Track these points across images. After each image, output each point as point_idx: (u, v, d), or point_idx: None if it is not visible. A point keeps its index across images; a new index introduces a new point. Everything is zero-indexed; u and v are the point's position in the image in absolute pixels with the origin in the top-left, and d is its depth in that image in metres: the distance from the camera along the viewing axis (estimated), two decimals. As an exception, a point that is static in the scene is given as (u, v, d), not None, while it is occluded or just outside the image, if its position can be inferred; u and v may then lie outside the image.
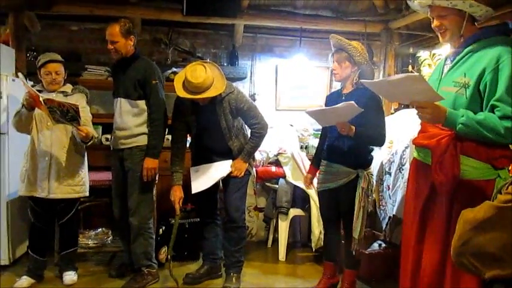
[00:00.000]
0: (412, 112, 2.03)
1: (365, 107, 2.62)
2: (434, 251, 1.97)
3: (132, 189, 3.13)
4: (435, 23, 2.02)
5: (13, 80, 3.53)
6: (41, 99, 2.71)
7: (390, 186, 3.51)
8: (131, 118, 3.09)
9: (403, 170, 3.42)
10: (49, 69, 3.00)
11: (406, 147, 3.38)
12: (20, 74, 3.02)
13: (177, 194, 3.07)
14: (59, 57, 3.08)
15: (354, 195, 2.79)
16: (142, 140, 3.11)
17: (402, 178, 3.40)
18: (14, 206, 3.50)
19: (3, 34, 4.04)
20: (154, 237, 3.31)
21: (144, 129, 3.11)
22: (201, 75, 2.81)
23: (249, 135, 3.17)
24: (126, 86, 3.07)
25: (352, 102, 2.51)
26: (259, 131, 3.08)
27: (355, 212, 2.78)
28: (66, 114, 2.80)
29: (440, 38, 2.06)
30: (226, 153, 3.09)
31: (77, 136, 3.01)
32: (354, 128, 2.64)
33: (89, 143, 3.08)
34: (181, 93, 2.87)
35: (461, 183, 1.89)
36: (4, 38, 3.99)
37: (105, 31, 3.07)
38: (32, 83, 3.20)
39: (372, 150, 2.95)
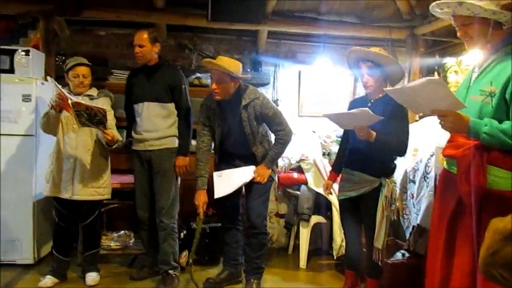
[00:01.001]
0: (437, 119, 1.99)
1: (390, 115, 2.59)
2: (464, 263, 1.92)
3: (163, 190, 3.20)
4: (459, 32, 1.99)
5: (42, 84, 3.62)
6: (69, 101, 2.77)
7: (414, 195, 3.45)
8: (161, 120, 3.19)
9: (427, 178, 3.36)
10: (77, 72, 3.07)
11: (431, 155, 3.32)
12: (49, 78, 3.11)
13: (201, 199, 3.08)
14: (86, 61, 3.16)
15: (376, 204, 2.74)
16: (171, 142, 3.24)
17: (427, 187, 3.33)
18: (40, 207, 3.58)
19: (33, 39, 4.15)
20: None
21: (173, 131, 3.24)
22: (227, 61, 2.91)
23: (273, 142, 3.16)
24: (157, 90, 3.18)
25: (367, 109, 2.50)
26: (284, 138, 3.07)
27: (377, 222, 2.73)
28: (93, 118, 2.86)
29: (467, 46, 2.02)
30: (250, 159, 3.10)
31: (102, 139, 3.07)
32: (374, 133, 2.60)
33: (114, 147, 3.13)
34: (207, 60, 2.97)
35: (488, 193, 1.84)
36: (34, 43, 4.09)
37: (131, 36, 3.22)
38: (60, 86, 3.26)
39: (395, 158, 2.90)
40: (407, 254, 3.43)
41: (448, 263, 2.00)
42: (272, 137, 3.20)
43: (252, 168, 3.07)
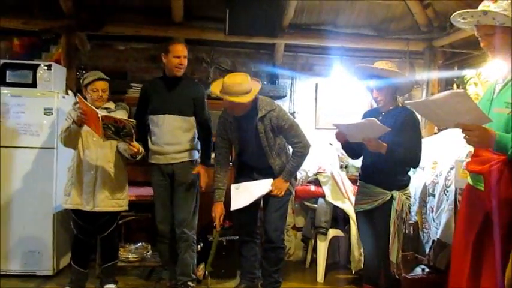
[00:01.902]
0: (457, 132, 1.95)
1: (401, 126, 2.58)
2: (492, 283, 1.86)
3: (185, 202, 3.21)
4: (483, 43, 1.95)
5: (63, 97, 3.70)
6: (99, 115, 2.81)
7: (434, 209, 3.39)
8: (183, 133, 3.21)
9: (448, 192, 3.30)
10: (96, 86, 3.12)
11: (451, 169, 3.27)
12: (72, 93, 3.15)
13: (218, 211, 3.08)
14: (104, 76, 3.20)
15: (389, 217, 2.73)
16: (193, 155, 3.27)
17: (447, 200, 3.28)
18: (60, 219, 3.63)
19: (55, 53, 4.26)
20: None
21: (193, 144, 3.27)
22: (239, 79, 2.87)
23: (291, 154, 3.15)
24: (180, 103, 3.18)
25: (374, 119, 2.49)
26: (301, 150, 3.06)
27: (390, 235, 2.71)
28: (121, 131, 2.88)
29: (491, 57, 1.99)
30: (267, 171, 3.09)
31: (127, 151, 3.09)
32: (385, 145, 2.59)
33: (137, 159, 3.15)
34: (216, 90, 2.91)
35: None
36: (56, 57, 4.20)
37: (150, 50, 3.23)
38: (87, 102, 3.32)
39: (409, 170, 2.87)
40: (427, 269, 3.37)
41: (475, 282, 1.94)
42: (290, 150, 3.19)
43: (270, 181, 3.06)
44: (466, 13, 1.91)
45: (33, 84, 3.67)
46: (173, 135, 3.19)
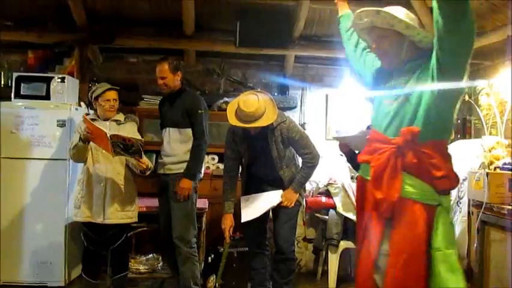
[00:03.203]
0: (470, 143, 1.98)
1: None
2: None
3: (177, 214, 3.22)
4: (374, 45, 1.92)
5: (76, 109, 3.74)
6: (108, 135, 2.84)
7: (447, 221, 3.35)
8: (179, 145, 3.25)
9: (460, 203, 3.27)
10: (108, 96, 3.15)
11: (464, 180, 3.24)
12: (88, 107, 3.18)
13: (227, 222, 3.08)
14: (114, 86, 3.24)
15: None
16: None
17: (460, 212, 3.24)
18: (71, 230, 3.65)
19: (69, 66, 4.32)
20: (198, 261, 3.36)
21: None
22: (253, 104, 2.85)
23: (301, 165, 3.15)
24: (175, 116, 3.25)
25: (366, 130, 2.50)
26: (311, 161, 3.06)
27: None
28: (130, 148, 2.92)
29: (382, 63, 1.97)
30: (277, 183, 3.09)
31: (136, 167, 3.12)
32: None
33: (146, 174, 3.17)
34: (233, 121, 2.92)
35: (402, 202, 1.75)
36: (69, 70, 4.26)
37: (157, 63, 3.26)
38: (92, 112, 3.37)
39: None
40: (441, 282, 3.31)
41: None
42: (299, 161, 3.18)
43: (280, 192, 3.06)
44: (363, 12, 1.85)
45: (47, 97, 3.73)
46: (170, 147, 3.26)
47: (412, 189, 1.75)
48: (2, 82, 4.45)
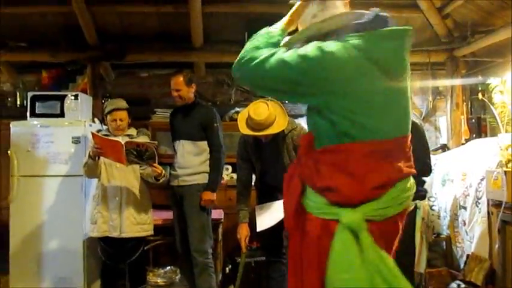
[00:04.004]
0: (486, 141, 1.89)
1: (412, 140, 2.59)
2: None
3: (193, 226, 3.23)
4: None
5: (90, 126, 3.79)
6: (122, 143, 2.88)
7: (466, 222, 3.30)
8: (193, 157, 3.28)
9: (479, 204, 3.21)
10: (114, 116, 3.19)
11: (482, 179, 3.18)
12: (101, 122, 3.22)
13: (243, 232, 3.08)
14: (123, 105, 3.25)
15: (414, 227, 2.70)
16: (202, 178, 3.29)
17: (479, 212, 3.18)
18: (89, 245, 3.67)
19: (81, 83, 4.40)
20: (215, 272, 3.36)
21: (204, 168, 3.30)
22: (263, 112, 2.86)
23: None
24: (190, 129, 3.28)
25: None
26: None
27: (417, 245, 2.66)
28: (144, 154, 2.95)
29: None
30: None
31: (151, 174, 3.15)
32: None
33: (161, 181, 3.20)
34: (244, 130, 2.93)
35: (305, 217, 1.50)
36: (82, 87, 4.34)
37: (172, 75, 3.30)
38: (105, 127, 3.41)
39: (425, 182, 2.82)
40: (463, 285, 3.25)
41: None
42: None
43: None
44: None
45: (61, 114, 3.79)
46: (184, 159, 3.29)
47: (309, 201, 1.49)
48: (18, 102, 4.55)
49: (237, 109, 4.44)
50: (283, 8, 1.64)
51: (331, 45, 1.40)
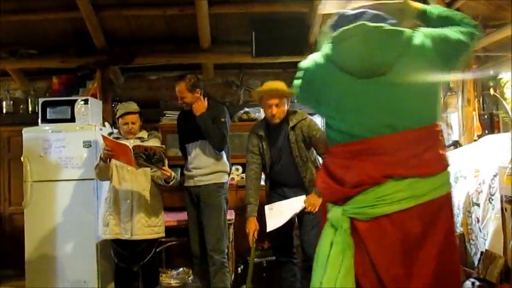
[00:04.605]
0: (498, 137, 1.83)
1: None
2: None
3: (210, 225, 3.23)
4: None
5: (101, 129, 3.83)
6: (130, 146, 2.90)
7: (480, 219, 3.25)
8: (207, 158, 3.28)
9: (493, 200, 3.16)
10: (126, 120, 3.22)
11: (495, 176, 3.14)
12: (112, 126, 3.24)
13: (251, 226, 3.07)
14: (135, 108, 3.27)
15: None
16: (219, 177, 3.30)
17: (493, 209, 3.14)
18: (102, 247, 3.70)
19: (91, 88, 4.44)
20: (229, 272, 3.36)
21: (219, 166, 3.31)
22: (276, 82, 3.06)
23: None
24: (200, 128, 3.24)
25: None
26: None
27: None
28: (152, 157, 2.97)
29: None
30: (299, 186, 3.07)
31: (160, 177, 3.17)
32: None
33: (171, 183, 3.22)
34: (259, 91, 3.09)
35: None
36: (92, 92, 4.38)
37: (175, 83, 3.31)
38: (116, 131, 3.43)
39: None
40: (477, 283, 3.20)
41: None
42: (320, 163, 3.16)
43: (303, 197, 3.03)
44: None
45: (72, 119, 3.83)
46: (199, 159, 3.29)
47: None
48: (30, 108, 4.61)
49: (246, 109, 4.45)
50: (289, 8, 1.66)
51: (310, 59, 1.58)
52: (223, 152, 3.34)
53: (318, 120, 3.46)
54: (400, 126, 1.46)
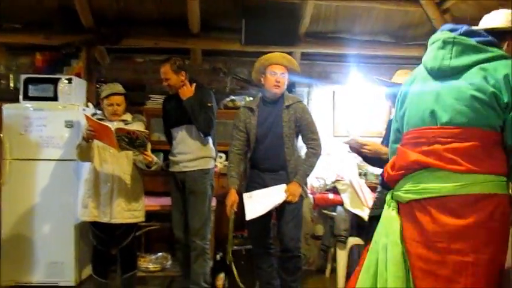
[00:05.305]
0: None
1: None
2: None
3: (196, 210, 3.24)
4: None
5: (84, 110, 3.77)
6: (112, 129, 2.87)
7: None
8: (194, 142, 3.27)
9: None
10: (111, 101, 3.17)
11: None
12: (95, 107, 3.20)
13: (231, 198, 3.06)
14: (121, 89, 3.23)
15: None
16: (204, 163, 3.29)
17: None
18: (81, 230, 3.68)
19: (76, 67, 4.36)
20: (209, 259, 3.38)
21: (205, 152, 3.30)
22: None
23: (303, 157, 3.14)
24: (187, 112, 3.22)
25: (353, 138, 2.63)
26: (316, 149, 3.07)
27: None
28: (135, 141, 2.95)
29: None
30: (280, 173, 3.06)
31: (142, 162, 3.14)
32: (387, 149, 2.61)
33: (152, 168, 3.20)
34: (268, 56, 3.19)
35: None
36: (77, 71, 4.30)
37: (160, 65, 3.29)
38: (100, 112, 3.39)
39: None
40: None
41: None
42: (302, 154, 3.17)
43: (283, 187, 3.02)
44: None
45: (55, 98, 3.76)
46: (185, 144, 3.28)
47: None
48: (11, 84, 4.50)
49: (232, 97, 4.43)
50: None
51: None
52: (209, 137, 3.33)
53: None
54: (443, 120, 1.63)
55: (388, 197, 1.78)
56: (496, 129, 1.60)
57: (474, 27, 1.74)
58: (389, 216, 1.73)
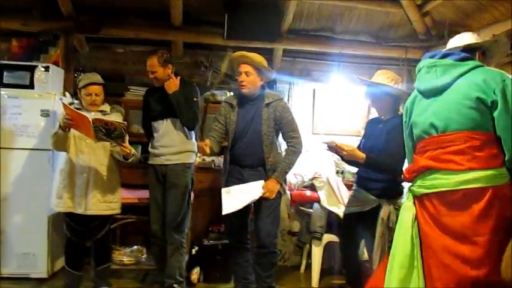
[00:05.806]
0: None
1: (388, 134, 2.77)
2: None
3: (175, 204, 3.23)
4: None
5: (61, 99, 3.69)
6: (90, 119, 2.82)
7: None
8: (177, 135, 3.26)
9: None
10: (90, 91, 3.12)
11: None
12: (62, 100, 3.14)
13: (206, 141, 2.96)
14: (99, 79, 3.18)
15: (375, 223, 2.79)
16: (186, 158, 3.28)
17: None
18: (54, 221, 3.61)
19: (54, 55, 4.26)
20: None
21: (188, 146, 3.29)
22: (254, 54, 3.06)
23: (283, 154, 3.15)
24: (171, 106, 3.20)
25: (332, 140, 2.79)
26: (296, 146, 3.08)
27: (375, 242, 2.75)
28: (112, 133, 2.91)
29: None
30: (259, 169, 3.07)
31: (119, 153, 3.10)
32: (361, 154, 2.73)
33: (129, 160, 3.16)
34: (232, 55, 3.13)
35: None
36: (55, 59, 4.21)
37: (148, 54, 3.26)
38: (77, 101, 3.33)
39: (402, 180, 2.87)
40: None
41: None
42: (282, 151, 3.18)
43: (261, 183, 3.03)
44: None
45: (31, 86, 3.67)
46: (168, 137, 3.26)
47: None
48: (-15, 70, 4.37)
49: (213, 91, 4.41)
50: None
51: None
52: (193, 131, 3.32)
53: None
54: (434, 130, 2.03)
55: (408, 191, 2.20)
56: (488, 128, 1.91)
57: (447, 49, 2.16)
58: (407, 205, 2.15)
